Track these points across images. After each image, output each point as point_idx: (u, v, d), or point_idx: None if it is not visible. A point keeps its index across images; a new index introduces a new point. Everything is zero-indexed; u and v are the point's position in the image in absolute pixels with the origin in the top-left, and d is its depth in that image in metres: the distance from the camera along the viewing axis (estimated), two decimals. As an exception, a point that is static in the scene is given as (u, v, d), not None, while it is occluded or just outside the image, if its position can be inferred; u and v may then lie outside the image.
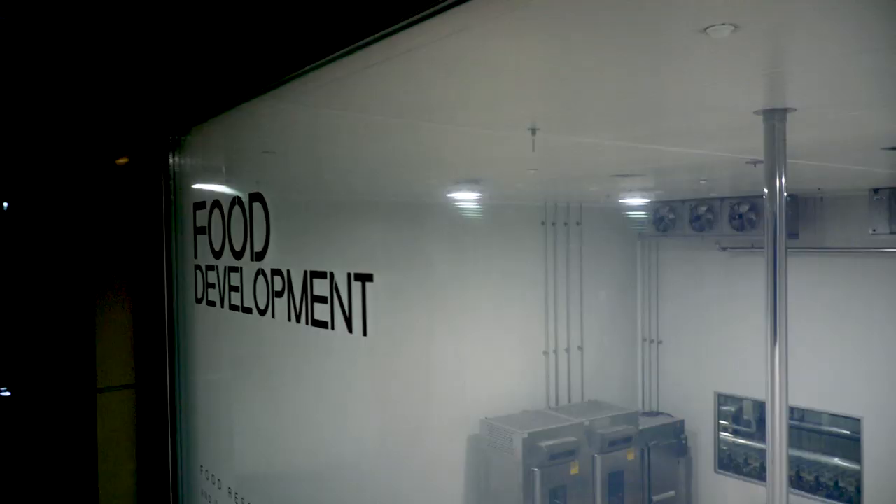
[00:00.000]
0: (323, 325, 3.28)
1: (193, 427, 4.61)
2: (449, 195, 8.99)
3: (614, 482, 11.26)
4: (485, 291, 11.47)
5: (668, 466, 12.05)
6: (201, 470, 4.59)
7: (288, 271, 3.53)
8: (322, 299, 3.28)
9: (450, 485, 11.06)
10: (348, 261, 3.33)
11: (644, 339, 13.50)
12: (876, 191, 9.59)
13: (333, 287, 3.25)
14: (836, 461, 11.27)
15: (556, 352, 12.23)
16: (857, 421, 10.64)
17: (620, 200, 11.14)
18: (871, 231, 9.69)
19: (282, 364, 4.24)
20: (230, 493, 4.25)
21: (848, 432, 10.95)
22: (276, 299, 3.60)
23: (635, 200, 11.20)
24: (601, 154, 6.80)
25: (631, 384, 13.51)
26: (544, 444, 10.41)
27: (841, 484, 10.94)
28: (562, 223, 12.36)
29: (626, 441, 11.38)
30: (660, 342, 13.29)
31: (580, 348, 12.54)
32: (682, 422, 12.43)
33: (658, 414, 12.87)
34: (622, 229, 13.24)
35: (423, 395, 10.79)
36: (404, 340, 10.48)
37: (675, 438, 12.20)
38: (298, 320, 3.43)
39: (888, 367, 10.23)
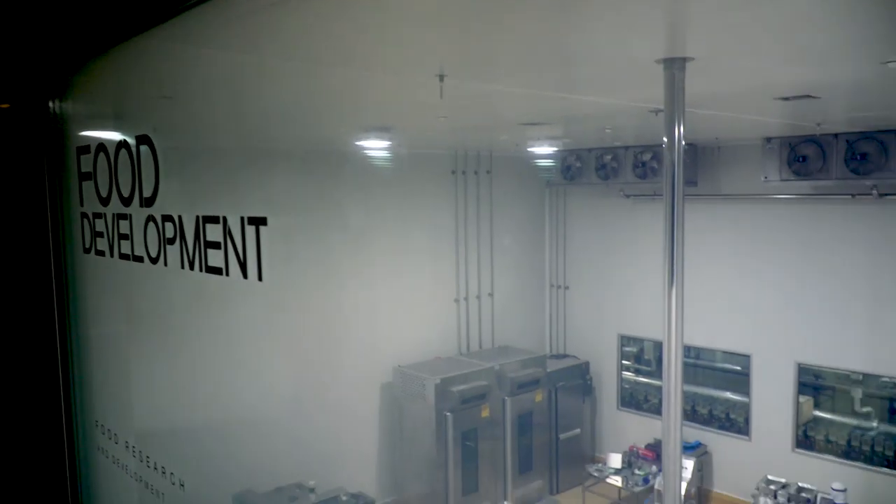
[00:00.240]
0: (217, 271, 3.17)
1: (88, 382, 4.43)
2: (359, 143, 8.83)
3: (523, 422, 11.66)
4: (395, 240, 11.45)
5: (574, 406, 12.56)
6: (97, 425, 4.44)
7: (180, 217, 3.38)
8: (215, 245, 3.16)
9: (364, 432, 11.17)
10: (244, 206, 3.21)
11: (552, 285, 13.87)
12: (768, 140, 10.05)
13: (227, 232, 3.14)
14: (728, 395, 12.02)
15: (466, 299, 12.40)
16: (747, 357, 11.35)
17: (529, 149, 11.24)
18: (763, 178, 10.19)
19: (177, 313, 4.10)
20: (128, 447, 4.13)
21: (738, 368, 11.68)
22: (168, 246, 3.45)
23: (543, 149, 11.32)
24: (509, 102, 6.81)
25: (539, 329, 13.90)
26: (456, 389, 10.62)
27: (732, 416, 11.70)
28: (472, 172, 12.41)
29: (535, 383, 11.76)
30: (567, 288, 13.68)
31: (490, 295, 12.76)
32: (587, 363, 12.93)
33: (565, 356, 13.33)
34: (531, 178, 13.43)
35: (331, 344, 10.77)
36: (307, 288, 10.38)
37: (580, 379, 12.70)
38: (192, 267, 3.30)
39: (775, 306, 10.91)
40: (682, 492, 10.01)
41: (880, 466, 10.10)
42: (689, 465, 10.31)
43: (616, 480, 11.04)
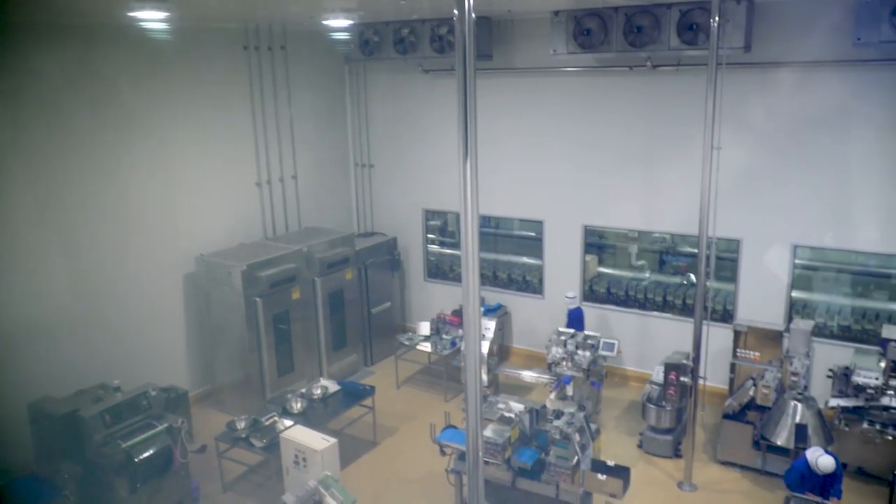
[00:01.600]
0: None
1: None
2: (131, 14, 7.86)
3: (335, 301, 11.84)
4: (185, 123, 10.68)
5: (383, 281, 12.93)
6: None
7: None
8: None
9: (169, 325, 10.77)
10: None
11: (356, 164, 13.80)
12: (556, 13, 10.38)
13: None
14: (525, 259, 12.96)
15: (269, 182, 12.03)
16: (540, 223, 12.19)
17: (325, 22, 10.74)
18: (552, 52, 10.59)
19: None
20: None
21: (533, 234, 12.55)
22: None
23: (339, 22, 10.87)
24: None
25: (346, 208, 13.91)
26: (264, 273, 10.47)
27: (528, 278, 12.66)
28: (265, 48, 11.71)
29: (344, 262, 11.89)
30: (371, 166, 13.69)
31: (294, 177, 12.47)
32: (394, 239, 13.25)
33: (373, 234, 13.54)
34: (329, 54, 12.94)
35: (123, 239, 10.10)
36: (80, 181, 9.57)
37: (389, 255, 13.03)
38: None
39: (565, 174, 11.70)
40: (486, 350, 10.82)
41: (652, 311, 11.53)
42: (490, 325, 11.09)
43: (426, 347, 11.68)
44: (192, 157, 10.85)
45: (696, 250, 8.56)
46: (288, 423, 8.68)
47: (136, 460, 7.68)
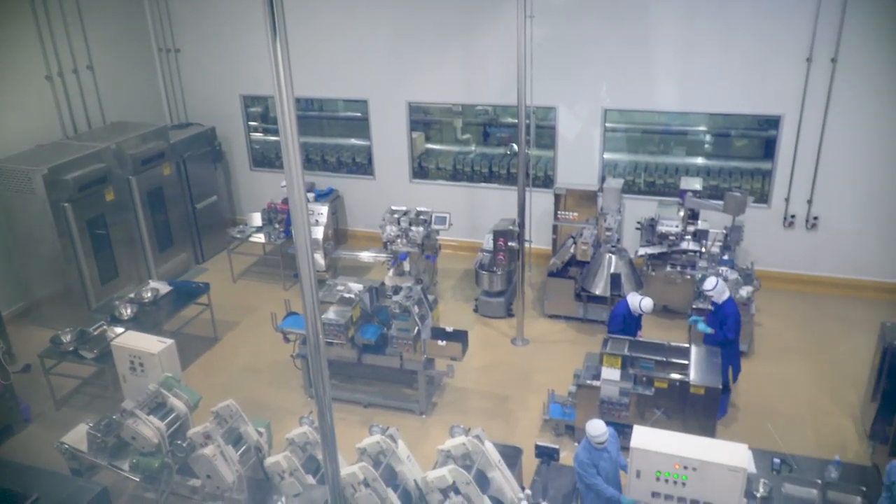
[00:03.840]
0: None
1: None
2: None
3: (155, 199, 11.17)
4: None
5: (206, 174, 12.30)
6: None
7: None
8: None
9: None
10: None
11: (160, 49, 12.68)
12: None
13: None
14: (353, 141, 12.78)
15: (61, 74, 10.80)
16: (365, 103, 11.99)
17: None
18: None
19: None
20: None
21: (359, 114, 12.34)
22: None
23: None
24: None
25: (154, 98, 12.87)
26: (69, 176, 9.60)
27: (357, 159, 12.56)
28: (33, -85, 10.17)
29: (160, 157, 11.13)
30: (178, 51, 12.64)
31: (90, 67, 11.27)
32: (213, 129, 12.51)
33: (188, 125, 12.70)
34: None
35: None
36: None
37: (208, 146, 12.33)
38: None
39: (387, 51, 11.46)
40: (320, 235, 10.79)
41: (479, 182, 11.93)
42: (323, 210, 11.01)
43: (259, 238, 11.44)
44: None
45: (517, 120, 8.85)
46: (119, 330, 8.30)
47: (-51, 389, 7.12)
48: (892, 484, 5.54)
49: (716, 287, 7.80)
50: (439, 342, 8.00)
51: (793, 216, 10.31)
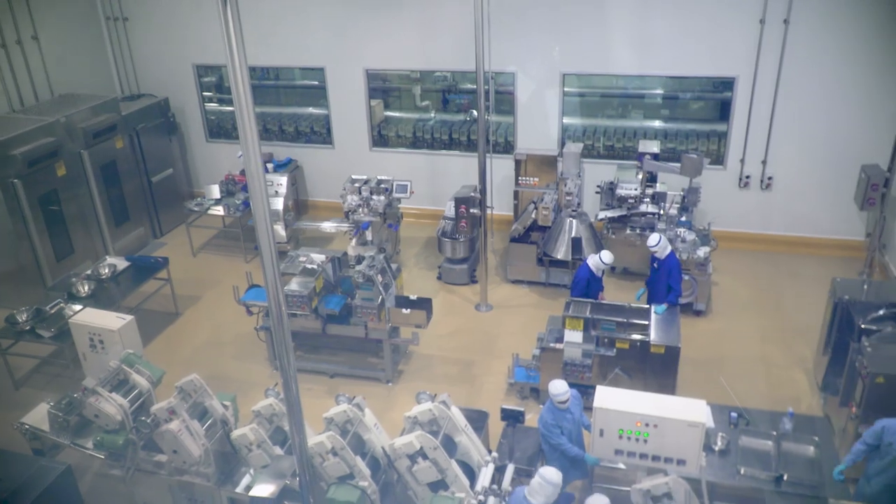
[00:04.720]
0: None
1: None
2: None
3: (108, 173, 10.90)
4: None
5: (160, 146, 12.03)
6: None
7: None
8: None
9: None
10: None
11: (108, 18, 12.26)
12: None
13: None
14: (311, 110, 12.60)
15: (4, 46, 10.40)
16: (322, 70, 11.79)
17: None
18: None
19: None
20: None
21: (316, 83, 12.14)
22: None
23: None
24: None
25: (103, 69, 12.48)
26: (17, 151, 9.31)
27: (316, 129, 12.39)
28: None
29: (112, 129, 10.85)
30: (126, 19, 12.23)
31: (35, 38, 10.86)
32: (166, 99, 12.21)
33: (140, 96, 12.38)
34: None
35: None
36: None
37: (162, 118, 12.04)
38: None
39: (342, 19, 11.25)
40: (280, 206, 10.68)
41: (440, 149, 11.88)
42: (283, 180, 10.89)
43: (218, 210, 11.25)
44: None
45: (476, 86, 8.81)
46: (77, 307, 8.16)
47: None
48: (889, 444, 5.58)
49: (659, 243, 8.02)
50: (404, 311, 8.03)
51: (748, 177, 10.51)
